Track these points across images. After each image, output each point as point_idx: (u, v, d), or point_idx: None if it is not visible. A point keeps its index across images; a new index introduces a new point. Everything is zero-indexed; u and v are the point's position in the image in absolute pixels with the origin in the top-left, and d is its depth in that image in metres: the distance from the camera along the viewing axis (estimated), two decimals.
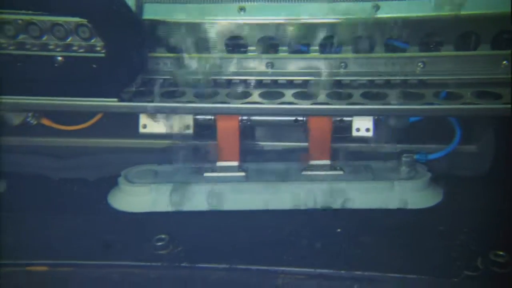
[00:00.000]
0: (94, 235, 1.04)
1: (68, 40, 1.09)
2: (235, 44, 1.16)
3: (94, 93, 1.03)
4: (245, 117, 1.19)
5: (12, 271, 0.93)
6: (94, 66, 1.07)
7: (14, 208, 1.11)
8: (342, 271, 0.91)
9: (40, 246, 0.99)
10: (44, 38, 1.08)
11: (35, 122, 1.23)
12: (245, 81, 1.16)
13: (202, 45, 1.14)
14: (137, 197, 1.15)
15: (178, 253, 0.97)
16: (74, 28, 1.07)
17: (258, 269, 0.91)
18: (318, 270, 0.90)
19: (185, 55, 1.14)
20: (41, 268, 0.92)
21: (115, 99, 1.03)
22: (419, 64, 1.10)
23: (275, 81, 1.17)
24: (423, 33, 1.09)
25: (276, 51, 1.16)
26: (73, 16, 1.02)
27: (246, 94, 1.13)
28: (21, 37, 1.08)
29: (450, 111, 1.09)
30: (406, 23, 1.07)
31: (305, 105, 1.07)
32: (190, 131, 1.15)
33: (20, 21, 1.05)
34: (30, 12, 1.03)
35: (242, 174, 1.20)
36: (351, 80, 1.14)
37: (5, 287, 0.91)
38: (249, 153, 1.26)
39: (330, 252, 0.96)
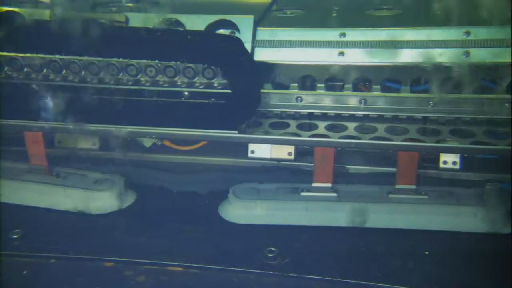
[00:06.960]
0: (213, 243, 1.25)
1: (195, 79, 1.31)
2: (333, 82, 1.33)
3: (217, 126, 1.24)
4: None
5: (152, 269, 1.16)
6: (213, 99, 1.30)
7: (146, 215, 1.37)
8: None
9: (174, 249, 1.21)
10: (176, 78, 1.31)
11: (159, 143, 1.47)
12: (339, 115, 1.33)
13: (304, 83, 1.33)
14: (244, 210, 1.36)
15: (286, 264, 1.15)
16: (201, 70, 1.29)
17: (358, 283, 1.07)
18: None
19: (289, 91, 1.33)
20: (178, 268, 1.15)
21: (236, 132, 1.23)
22: (506, 104, 1.20)
23: (367, 115, 1.32)
24: (509, 77, 1.20)
25: (368, 89, 1.32)
26: (210, 65, 1.23)
27: (342, 128, 1.29)
28: (158, 76, 1.31)
29: None
30: (494, 67, 1.18)
31: (397, 141, 1.21)
32: (292, 157, 1.34)
33: (160, 64, 1.28)
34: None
35: (334, 194, 1.36)
36: (438, 117, 1.27)
37: (148, 283, 1.13)
38: (340, 175, 1.42)
39: (422, 272, 1.10)
